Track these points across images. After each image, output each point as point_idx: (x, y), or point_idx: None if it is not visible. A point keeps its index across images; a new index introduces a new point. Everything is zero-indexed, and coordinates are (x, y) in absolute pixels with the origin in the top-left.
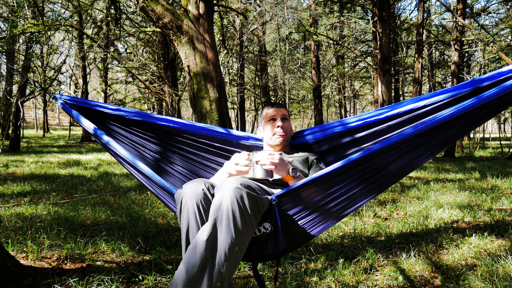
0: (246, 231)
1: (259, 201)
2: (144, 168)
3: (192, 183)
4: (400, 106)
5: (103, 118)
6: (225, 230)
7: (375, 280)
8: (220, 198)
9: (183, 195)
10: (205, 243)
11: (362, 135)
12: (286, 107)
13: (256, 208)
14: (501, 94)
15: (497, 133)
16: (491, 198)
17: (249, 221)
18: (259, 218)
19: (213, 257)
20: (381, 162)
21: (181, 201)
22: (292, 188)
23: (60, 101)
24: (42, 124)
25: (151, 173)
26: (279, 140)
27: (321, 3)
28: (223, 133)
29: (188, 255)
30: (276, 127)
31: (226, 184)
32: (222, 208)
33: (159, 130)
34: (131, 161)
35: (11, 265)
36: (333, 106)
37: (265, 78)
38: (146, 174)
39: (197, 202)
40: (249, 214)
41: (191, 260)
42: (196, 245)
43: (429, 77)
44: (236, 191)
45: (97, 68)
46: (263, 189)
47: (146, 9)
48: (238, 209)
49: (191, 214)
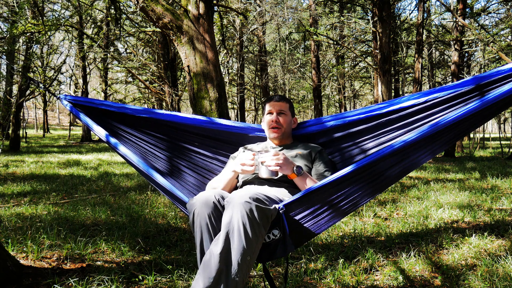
0: (256, 241)
1: (268, 212)
2: (158, 177)
3: (203, 194)
4: (400, 102)
5: (108, 117)
6: (237, 242)
7: (375, 280)
8: (230, 213)
9: (194, 207)
10: (219, 256)
11: (364, 127)
12: (286, 100)
13: (265, 218)
14: (504, 96)
15: (497, 133)
16: (491, 198)
17: (259, 232)
18: (268, 226)
19: (227, 268)
20: (385, 166)
21: (194, 213)
22: (298, 197)
23: (66, 103)
24: (42, 124)
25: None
26: (273, 135)
27: (321, 3)
28: (228, 126)
29: (204, 267)
30: (271, 121)
31: (235, 199)
32: (233, 222)
33: (165, 125)
34: (146, 171)
35: (11, 265)
36: (333, 106)
37: (265, 78)
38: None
39: (208, 214)
40: (258, 225)
41: (206, 271)
42: (211, 257)
43: (429, 77)
44: (245, 205)
45: (97, 68)
46: (271, 199)
47: (146, 9)
48: (248, 222)
49: (203, 226)
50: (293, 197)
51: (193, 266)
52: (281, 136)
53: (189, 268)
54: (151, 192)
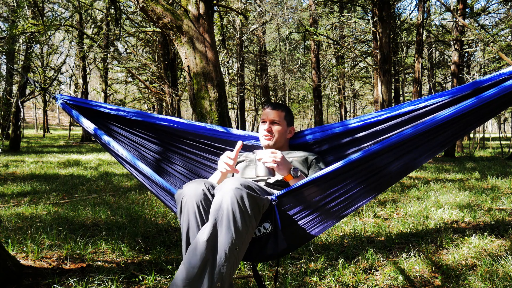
0: (246, 232)
1: (259, 201)
2: (144, 168)
3: (192, 183)
4: (400, 108)
5: (103, 118)
6: (225, 231)
7: (375, 280)
8: (220, 199)
9: (183, 195)
10: (206, 243)
11: (362, 135)
12: (282, 109)
13: (256, 208)
14: (501, 94)
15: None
16: (491, 198)
17: (249, 222)
18: (259, 218)
19: (213, 258)
20: (382, 162)
21: (181, 202)
22: (292, 188)
23: (60, 101)
24: (42, 124)
25: (151, 173)
26: (265, 143)
27: (321, 3)
28: (223, 133)
29: (189, 255)
30: (263, 130)
31: (226, 185)
32: (222, 208)
33: (159, 130)
34: (131, 161)
35: (11, 265)
36: (333, 106)
37: (265, 78)
38: (146, 174)
39: (197, 202)
40: (249, 214)
41: (191, 260)
42: (197, 245)
43: (429, 77)
44: (236, 191)
45: (97, 68)
46: (263, 190)
47: (146, 9)
48: (238, 210)
49: (191, 215)
50: (287, 188)
51: None
52: (272, 145)
53: None
54: (151, 192)
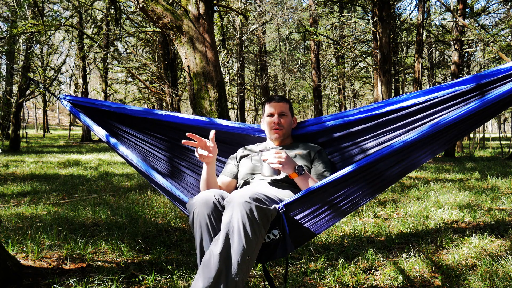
0: (256, 241)
1: (268, 212)
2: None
3: (203, 194)
4: (400, 101)
5: (108, 117)
6: (237, 242)
7: (375, 280)
8: (230, 212)
9: (194, 207)
10: (219, 256)
11: (363, 127)
12: (286, 101)
13: (265, 219)
14: (504, 96)
15: (497, 133)
16: (491, 198)
17: (259, 232)
18: (268, 227)
19: (227, 269)
20: (386, 165)
21: (193, 213)
22: (298, 197)
23: (66, 103)
24: (42, 124)
25: (164, 182)
26: (275, 136)
27: (321, 3)
28: (227, 126)
29: (203, 267)
30: (272, 123)
31: (235, 198)
32: (233, 222)
33: (165, 126)
34: (146, 171)
35: (11, 265)
36: (333, 106)
37: (265, 78)
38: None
39: (208, 213)
40: (258, 225)
41: (206, 271)
42: (211, 257)
43: (429, 77)
44: (245, 205)
45: (97, 68)
46: (271, 199)
47: (146, 9)
48: (248, 222)
49: (203, 226)
50: (293, 197)
51: (193, 266)
52: (282, 137)
53: (189, 268)
54: (151, 192)
